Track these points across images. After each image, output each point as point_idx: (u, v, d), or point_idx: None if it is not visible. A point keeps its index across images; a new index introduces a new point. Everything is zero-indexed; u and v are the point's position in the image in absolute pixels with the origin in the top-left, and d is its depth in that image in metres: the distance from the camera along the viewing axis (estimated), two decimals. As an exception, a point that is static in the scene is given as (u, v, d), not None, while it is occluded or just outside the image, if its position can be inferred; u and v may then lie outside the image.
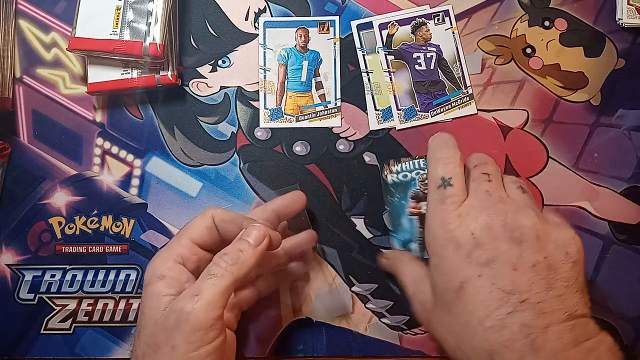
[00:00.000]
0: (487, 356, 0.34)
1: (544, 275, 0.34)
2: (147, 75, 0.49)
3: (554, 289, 0.34)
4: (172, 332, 0.35)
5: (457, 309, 0.36)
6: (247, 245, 0.38)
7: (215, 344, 0.36)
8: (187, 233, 0.40)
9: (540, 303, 0.33)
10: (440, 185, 0.39)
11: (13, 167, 0.51)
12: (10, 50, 0.51)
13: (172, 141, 0.51)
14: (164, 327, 0.36)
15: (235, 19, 0.52)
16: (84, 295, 0.49)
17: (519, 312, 0.33)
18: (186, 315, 0.35)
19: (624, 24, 0.51)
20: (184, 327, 0.35)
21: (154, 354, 0.35)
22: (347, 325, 0.48)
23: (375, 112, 0.51)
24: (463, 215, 0.37)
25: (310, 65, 0.51)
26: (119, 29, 0.48)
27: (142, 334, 0.37)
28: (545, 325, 0.33)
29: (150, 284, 0.38)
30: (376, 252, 0.49)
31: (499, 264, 0.35)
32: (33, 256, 0.50)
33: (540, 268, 0.34)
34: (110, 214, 0.50)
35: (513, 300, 0.34)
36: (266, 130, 0.51)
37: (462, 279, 0.35)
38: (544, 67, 0.51)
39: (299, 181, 0.50)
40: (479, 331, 0.34)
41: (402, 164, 0.44)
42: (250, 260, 0.38)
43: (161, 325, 0.36)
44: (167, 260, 0.39)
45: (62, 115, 0.51)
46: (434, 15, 0.52)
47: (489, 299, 0.34)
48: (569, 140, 0.50)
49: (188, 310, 0.35)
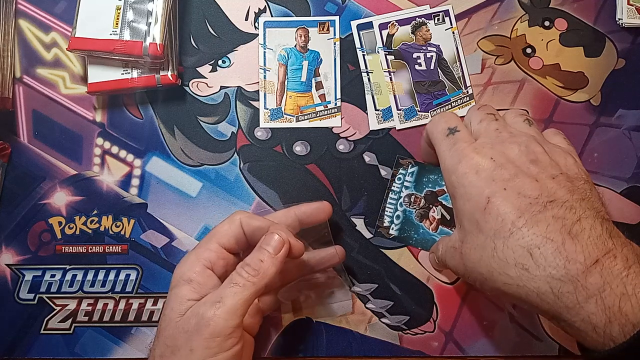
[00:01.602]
0: (525, 253, 0.34)
1: (564, 184, 0.36)
2: (147, 75, 0.49)
3: (576, 194, 0.35)
4: (191, 335, 0.36)
5: (488, 223, 0.36)
6: (267, 255, 0.39)
7: (232, 352, 0.36)
8: (216, 237, 0.41)
9: (566, 202, 0.35)
10: (447, 133, 0.41)
11: (13, 167, 0.51)
12: (10, 50, 0.51)
13: (172, 141, 0.51)
14: (184, 330, 0.36)
15: (235, 19, 0.52)
16: (84, 295, 0.49)
17: (549, 209, 0.34)
18: (207, 320, 0.36)
19: (624, 24, 0.51)
20: (204, 332, 0.36)
21: (172, 355, 0.36)
22: (347, 325, 0.48)
23: (375, 112, 0.51)
24: (478, 149, 0.38)
25: (310, 65, 0.51)
26: (119, 29, 0.48)
27: (162, 334, 0.38)
28: (577, 218, 0.34)
29: (176, 287, 0.39)
30: (376, 252, 0.49)
31: (521, 178, 0.36)
32: (33, 256, 0.50)
33: (560, 179, 0.36)
34: (110, 214, 0.50)
35: (541, 201, 0.35)
36: (266, 130, 0.51)
37: (488, 194, 0.36)
38: (544, 67, 0.51)
39: (299, 181, 0.50)
40: (514, 232, 0.34)
41: (385, 215, 0.49)
42: (271, 270, 0.39)
43: (181, 328, 0.37)
44: (195, 264, 0.40)
45: (62, 115, 0.51)
46: (434, 15, 0.52)
47: (518, 204, 0.35)
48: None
49: (209, 316, 0.36)
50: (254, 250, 0.40)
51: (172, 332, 0.37)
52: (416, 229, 0.49)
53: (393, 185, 0.49)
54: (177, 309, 0.38)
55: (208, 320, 0.36)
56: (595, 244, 0.33)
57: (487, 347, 0.48)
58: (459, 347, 0.48)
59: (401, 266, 0.49)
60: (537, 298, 0.33)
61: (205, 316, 0.36)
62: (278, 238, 0.40)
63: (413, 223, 0.49)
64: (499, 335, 0.48)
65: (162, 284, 0.49)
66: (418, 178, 0.49)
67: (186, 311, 0.37)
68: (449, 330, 0.48)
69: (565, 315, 0.33)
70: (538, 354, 0.48)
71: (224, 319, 0.36)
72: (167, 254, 0.50)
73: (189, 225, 0.50)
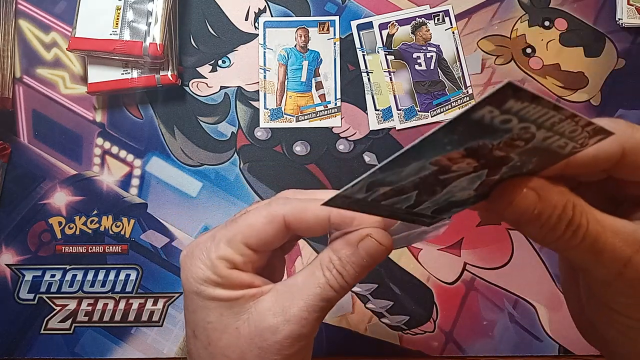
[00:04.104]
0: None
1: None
2: (147, 75, 0.49)
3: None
4: (266, 353, 0.30)
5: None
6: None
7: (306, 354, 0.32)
8: (243, 235, 0.31)
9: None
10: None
11: (13, 167, 0.51)
12: (10, 50, 0.51)
13: (172, 141, 0.51)
14: (255, 345, 0.30)
15: (235, 19, 0.52)
16: (84, 295, 0.49)
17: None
18: (285, 336, 0.30)
19: (624, 24, 0.51)
20: (285, 352, 0.30)
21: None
22: (347, 325, 0.48)
23: (375, 112, 0.51)
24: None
25: (310, 65, 0.51)
26: (119, 29, 0.48)
27: (217, 345, 0.31)
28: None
29: (205, 290, 0.31)
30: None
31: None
32: (33, 256, 0.50)
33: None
34: (110, 214, 0.50)
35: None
36: (266, 130, 0.51)
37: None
38: (544, 67, 0.51)
39: (298, 181, 0.50)
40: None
41: (531, 106, 0.21)
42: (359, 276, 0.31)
43: (250, 342, 0.30)
44: (220, 266, 0.31)
45: (62, 115, 0.51)
46: (434, 15, 0.52)
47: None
48: (569, 140, 0.50)
49: (287, 332, 0.30)
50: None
51: (233, 342, 0.30)
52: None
53: None
54: (228, 314, 0.31)
55: (291, 341, 0.30)
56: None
57: (487, 347, 0.48)
58: (459, 347, 0.48)
59: (401, 266, 0.49)
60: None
61: (286, 334, 0.30)
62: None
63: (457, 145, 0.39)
64: (499, 335, 0.48)
65: (162, 284, 0.49)
66: None
67: (243, 315, 0.30)
68: (449, 330, 0.48)
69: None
70: (538, 354, 0.48)
71: (307, 337, 0.30)
72: (167, 254, 0.50)
73: (189, 225, 0.50)
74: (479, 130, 0.23)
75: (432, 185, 0.26)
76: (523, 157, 0.25)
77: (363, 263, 0.30)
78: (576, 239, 0.26)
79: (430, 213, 0.29)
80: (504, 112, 0.22)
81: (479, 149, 0.23)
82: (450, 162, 0.24)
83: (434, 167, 0.24)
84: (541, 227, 0.26)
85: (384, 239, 0.30)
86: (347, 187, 0.25)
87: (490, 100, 0.21)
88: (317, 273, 0.30)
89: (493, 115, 0.22)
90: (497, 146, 0.23)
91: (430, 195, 0.27)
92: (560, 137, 0.24)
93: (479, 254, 0.49)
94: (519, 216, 0.26)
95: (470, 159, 0.24)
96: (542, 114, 0.22)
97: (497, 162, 0.25)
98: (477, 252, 0.49)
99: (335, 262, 0.30)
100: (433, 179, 0.25)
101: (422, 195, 0.27)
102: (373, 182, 0.26)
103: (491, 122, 0.22)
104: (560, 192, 0.26)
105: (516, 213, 0.26)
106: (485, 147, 0.23)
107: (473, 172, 0.25)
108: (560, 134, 0.23)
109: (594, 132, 0.24)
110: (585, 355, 0.48)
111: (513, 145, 0.23)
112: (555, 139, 0.24)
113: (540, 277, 0.49)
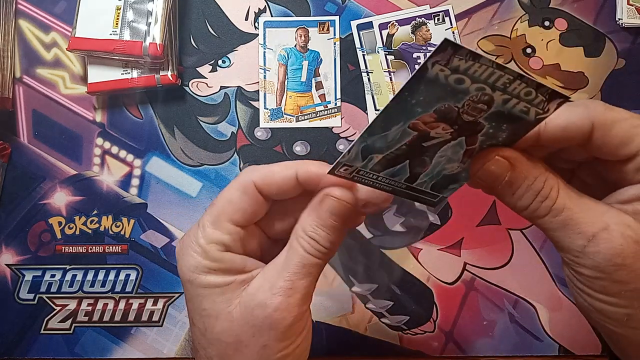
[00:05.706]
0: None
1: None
2: (147, 75, 0.49)
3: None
4: (261, 330, 0.30)
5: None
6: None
7: (306, 337, 0.32)
8: (226, 214, 0.31)
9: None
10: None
11: (13, 167, 0.51)
12: (10, 50, 0.51)
13: (172, 141, 0.51)
14: (247, 323, 0.31)
15: (235, 19, 0.52)
16: (84, 295, 0.49)
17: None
18: (278, 312, 0.30)
19: (624, 24, 0.51)
20: (279, 325, 0.30)
21: (237, 352, 0.31)
22: (347, 325, 0.48)
23: (375, 112, 0.51)
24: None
25: (310, 65, 0.51)
26: (119, 29, 0.48)
27: (212, 332, 0.31)
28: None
29: (198, 278, 0.32)
30: (376, 252, 0.49)
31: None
32: (33, 256, 0.50)
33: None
34: (110, 214, 0.50)
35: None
36: (266, 130, 0.51)
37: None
38: (544, 67, 0.51)
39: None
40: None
41: (475, 64, 0.24)
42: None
43: (243, 321, 0.31)
44: (211, 250, 0.31)
45: (62, 115, 0.51)
46: (434, 15, 0.52)
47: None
48: (569, 140, 0.50)
49: (281, 306, 0.30)
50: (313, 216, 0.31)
51: (227, 326, 0.31)
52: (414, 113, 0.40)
53: None
54: (220, 300, 0.31)
55: (280, 312, 0.30)
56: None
57: (487, 347, 0.48)
58: (459, 347, 0.48)
59: (401, 266, 0.49)
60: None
61: (275, 306, 0.30)
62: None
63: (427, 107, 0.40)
64: (499, 335, 0.48)
65: (162, 284, 0.49)
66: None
67: (235, 300, 0.31)
68: (449, 330, 0.48)
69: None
70: (538, 354, 0.48)
71: (298, 305, 0.30)
72: (167, 254, 0.50)
73: (189, 225, 0.50)
74: (439, 90, 0.24)
75: (420, 154, 0.28)
76: (493, 124, 0.26)
77: (331, 224, 0.31)
78: (544, 209, 0.28)
79: (429, 190, 0.30)
80: (454, 71, 0.24)
81: (447, 111, 0.26)
82: (426, 126, 0.26)
83: (414, 132, 0.26)
84: (512, 195, 0.28)
85: (343, 195, 0.30)
86: (344, 153, 0.27)
87: (434, 56, 0.23)
88: (294, 244, 0.31)
89: (446, 74, 0.24)
90: (464, 109, 0.26)
91: (422, 166, 0.29)
92: (518, 100, 0.25)
93: (479, 254, 0.49)
94: (491, 181, 0.28)
95: (444, 123, 0.26)
96: (490, 74, 0.24)
97: (470, 129, 0.27)
98: (477, 252, 0.49)
99: (307, 229, 0.31)
100: (418, 146, 0.27)
101: (415, 167, 0.28)
102: (365, 147, 0.27)
103: (446, 82, 0.24)
104: (534, 165, 0.28)
105: (488, 177, 0.28)
106: (452, 110, 0.25)
107: (452, 140, 0.27)
108: (517, 97, 0.25)
109: (550, 95, 0.25)
110: (585, 355, 0.48)
111: (477, 109, 0.26)
112: (515, 102, 0.25)
113: (540, 277, 0.49)
